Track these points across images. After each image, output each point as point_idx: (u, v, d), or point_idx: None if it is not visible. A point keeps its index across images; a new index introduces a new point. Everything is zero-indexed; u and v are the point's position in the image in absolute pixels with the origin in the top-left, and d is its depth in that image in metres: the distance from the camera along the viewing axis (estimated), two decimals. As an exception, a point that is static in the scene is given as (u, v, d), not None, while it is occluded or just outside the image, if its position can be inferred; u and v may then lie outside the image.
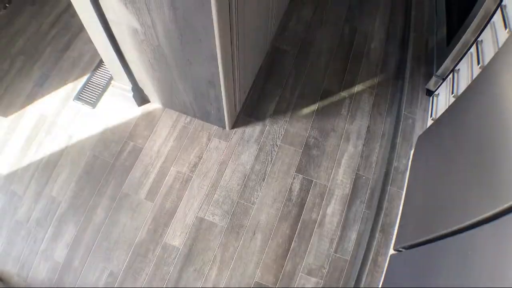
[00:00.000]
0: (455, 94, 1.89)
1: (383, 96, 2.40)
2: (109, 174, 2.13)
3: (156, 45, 1.70)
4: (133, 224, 2.02)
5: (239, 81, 1.92)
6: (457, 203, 1.32)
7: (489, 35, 1.73)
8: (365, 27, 2.73)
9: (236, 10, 1.52)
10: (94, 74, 2.48)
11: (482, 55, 1.76)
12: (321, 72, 2.46)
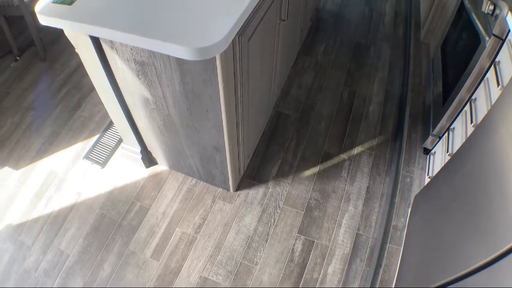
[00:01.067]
0: (450, 152, 1.97)
1: (382, 157, 2.48)
2: (117, 232, 2.18)
3: (166, 113, 1.81)
4: (138, 281, 2.05)
5: (243, 146, 2.02)
6: (452, 253, 1.36)
7: (482, 93, 1.82)
8: (363, 90, 2.85)
9: (241, 84, 1.63)
10: (104, 135, 2.58)
11: (476, 113, 1.84)
12: (322, 136, 2.56)
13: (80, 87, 2.89)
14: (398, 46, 3.30)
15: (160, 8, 1.37)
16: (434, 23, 3.17)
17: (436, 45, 2.87)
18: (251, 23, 1.51)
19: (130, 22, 1.32)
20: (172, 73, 1.53)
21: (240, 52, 1.49)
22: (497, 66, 1.71)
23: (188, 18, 1.31)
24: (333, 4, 3.71)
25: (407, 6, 3.84)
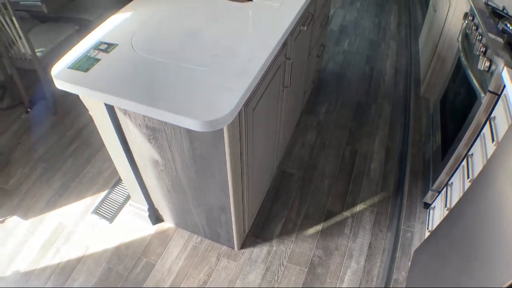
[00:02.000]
0: (449, 207, 2.02)
1: (383, 213, 2.53)
2: (123, 286, 2.22)
3: (174, 175, 1.89)
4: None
5: (248, 206, 2.08)
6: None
7: (478, 148, 1.88)
8: (365, 148, 2.94)
9: (246, 148, 1.72)
10: (113, 191, 2.65)
11: (472, 168, 1.90)
12: (325, 194, 2.63)
13: (90, 143, 2.99)
14: (398, 102, 3.41)
15: (171, 80, 1.47)
16: (434, 78, 3.29)
17: (435, 100, 2.98)
18: (256, 94, 1.61)
19: (144, 93, 1.42)
20: (181, 139, 1.62)
21: (246, 121, 1.59)
22: (493, 122, 1.78)
23: (197, 91, 1.41)
24: (334, 64, 3.85)
25: (407, 62, 3.99)
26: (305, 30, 2.22)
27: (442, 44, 3.07)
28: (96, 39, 1.75)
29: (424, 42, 3.86)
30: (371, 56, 4.04)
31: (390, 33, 4.56)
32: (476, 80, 1.97)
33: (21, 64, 3.06)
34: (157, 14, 1.92)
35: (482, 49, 1.98)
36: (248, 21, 1.89)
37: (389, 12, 5.13)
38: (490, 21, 2.15)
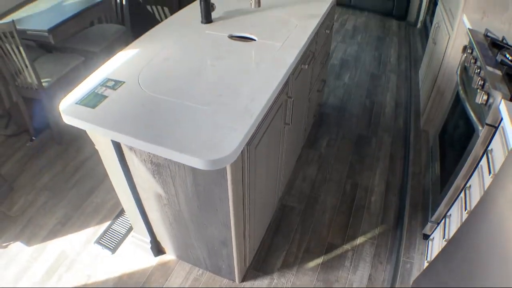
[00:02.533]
0: (447, 238, 2.04)
1: (383, 245, 2.55)
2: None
3: (177, 209, 1.92)
4: None
5: (249, 240, 2.11)
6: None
7: (476, 181, 1.91)
8: (365, 182, 2.97)
9: (248, 184, 1.75)
10: (115, 222, 2.68)
11: (470, 200, 1.92)
12: (326, 227, 2.65)
13: (93, 173, 3.03)
14: (398, 135, 3.46)
15: (176, 119, 1.51)
16: (433, 111, 3.34)
17: (435, 133, 3.02)
18: (258, 132, 1.66)
19: (150, 131, 1.46)
20: (185, 175, 1.66)
21: (248, 158, 1.63)
22: (490, 154, 1.81)
23: (202, 130, 1.46)
24: (335, 98, 3.92)
25: (407, 95, 4.05)
26: (306, 69, 2.28)
27: (441, 77, 3.13)
28: (103, 76, 1.81)
29: (424, 74, 3.94)
30: (371, 90, 4.11)
31: (390, 66, 4.65)
32: (474, 113, 2.01)
33: (27, 93, 3.13)
34: (163, 52, 1.99)
35: (480, 83, 2.02)
36: (251, 61, 1.96)
37: (390, 44, 5.23)
38: (489, 53, 2.19)
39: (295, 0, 2.67)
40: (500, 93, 1.80)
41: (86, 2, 3.58)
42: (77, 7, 3.48)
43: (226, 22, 2.34)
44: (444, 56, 3.08)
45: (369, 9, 6.33)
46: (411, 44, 5.34)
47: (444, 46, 3.14)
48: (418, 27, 5.90)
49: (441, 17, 3.52)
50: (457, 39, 2.87)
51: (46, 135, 3.43)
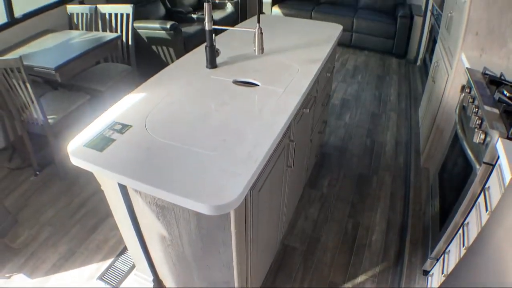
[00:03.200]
0: (445, 273, 2.06)
1: (384, 282, 2.55)
2: None
3: (180, 251, 1.95)
4: None
5: (251, 281, 2.12)
6: None
7: (474, 217, 1.93)
8: (366, 221, 3.00)
9: (251, 227, 1.79)
10: (118, 259, 2.69)
11: (468, 236, 1.94)
12: (327, 266, 2.66)
13: (97, 211, 3.06)
14: (399, 174, 3.51)
15: (182, 164, 1.56)
16: (433, 149, 3.39)
17: (435, 170, 3.05)
18: (261, 177, 1.70)
19: (156, 175, 1.50)
20: (189, 218, 1.70)
21: (251, 202, 1.67)
22: (487, 192, 1.84)
23: (206, 175, 1.50)
24: (336, 138, 3.98)
25: (407, 133, 4.12)
26: (308, 113, 2.34)
27: (441, 115, 3.19)
28: (111, 119, 1.87)
29: (424, 112, 4.01)
30: (372, 129, 4.18)
31: (390, 104, 4.73)
32: (472, 152, 2.05)
33: (32, 128, 3.20)
34: (169, 97, 2.05)
35: (478, 122, 2.07)
36: (254, 106, 2.02)
37: (390, 83, 5.33)
38: (487, 92, 2.24)
39: (297, 45, 2.76)
40: (497, 132, 1.85)
41: (93, 41, 3.68)
42: (84, 46, 3.57)
43: (231, 67, 2.42)
44: (443, 94, 3.15)
45: (369, 48, 6.48)
46: (411, 82, 5.44)
47: (443, 85, 3.21)
48: (418, 64, 6.02)
49: (440, 55, 3.61)
50: (456, 78, 2.94)
51: (50, 170, 3.48)
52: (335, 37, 2.90)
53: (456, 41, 2.92)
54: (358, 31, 6.39)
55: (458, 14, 2.98)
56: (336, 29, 3.09)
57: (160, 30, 4.63)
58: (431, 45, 5.14)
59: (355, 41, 6.46)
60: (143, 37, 4.74)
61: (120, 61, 4.22)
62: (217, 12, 6.12)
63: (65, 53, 3.43)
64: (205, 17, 2.22)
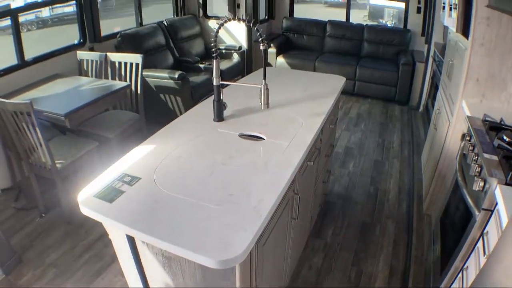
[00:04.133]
0: None
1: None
2: None
3: (185, 300, 1.97)
4: None
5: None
6: None
7: (473, 262, 1.95)
8: (369, 268, 3.00)
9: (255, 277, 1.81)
10: (122, 307, 2.71)
11: (467, 280, 1.96)
12: (331, 317, 2.67)
13: (102, 256, 3.08)
14: (402, 221, 3.53)
15: (189, 218, 1.60)
16: (435, 195, 3.42)
17: (436, 216, 3.08)
18: (266, 230, 1.74)
19: (164, 228, 1.55)
20: (195, 270, 1.73)
21: (256, 256, 1.71)
22: (485, 236, 1.87)
23: (213, 230, 1.54)
24: (340, 186, 4.02)
25: (410, 180, 4.17)
26: (312, 165, 2.40)
27: (442, 162, 3.24)
28: (121, 171, 1.92)
29: (426, 159, 4.06)
30: (375, 177, 4.22)
31: (393, 152, 4.79)
32: (472, 199, 2.10)
33: (39, 171, 3.26)
34: (178, 150, 2.12)
35: (478, 170, 2.12)
36: (260, 160, 2.08)
37: (393, 130, 5.40)
38: (486, 139, 2.29)
39: (301, 97, 2.85)
40: (496, 179, 1.89)
41: (103, 90, 3.79)
42: (93, 94, 3.68)
43: (237, 120, 2.50)
44: (445, 142, 3.21)
45: (372, 96, 6.60)
46: (414, 128, 5.52)
47: (444, 132, 3.27)
48: (420, 110, 6.11)
49: (441, 103, 3.69)
50: (456, 126, 3.00)
51: (56, 213, 3.52)
52: (338, 89, 3.00)
53: (457, 89, 3.01)
54: (361, 80, 6.53)
55: (459, 61, 3.08)
56: (339, 81, 3.19)
57: (168, 80, 4.77)
58: (433, 91, 5.23)
59: (358, 89, 6.59)
60: (151, 85, 4.87)
61: (128, 108, 4.32)
62: (224, 62, 6.29)
63: (74, 99, 3.55)
64: (213, 72, 2.32)
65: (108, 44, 5.03)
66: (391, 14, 10.21)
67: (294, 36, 7.62)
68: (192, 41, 6.39)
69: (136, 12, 5.88)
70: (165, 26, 5.95)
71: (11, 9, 3.99)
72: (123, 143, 3.82)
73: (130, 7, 6.09)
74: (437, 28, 5.48)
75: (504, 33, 2.67)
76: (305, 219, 2.78)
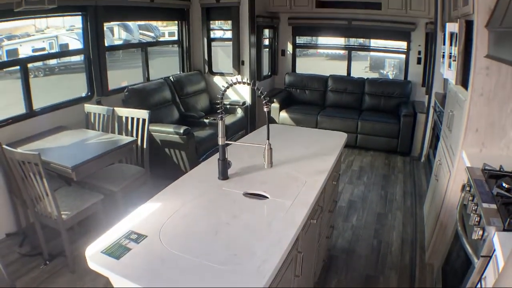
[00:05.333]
0: None
1: None
2: None
3: None
4: None
5: None
6: None
7: None
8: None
9: None
10: None
11: None
12: None
13: (105, 305, 3.07)
14: (405, 272, 3.52)
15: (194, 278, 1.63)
16: (437, 245, 3.42)
17: (438, 265, 3.09)
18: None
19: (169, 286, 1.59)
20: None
21: (260, 316, 1.73)
22: (483, 281, 1.92)
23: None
24: (343, 240, 4.02)
25: (412, 231, 4.18)
26: (315, 223, 2.43)
27: (444, 212, 3.27)
28: (127, 228, 1.97)
29: (428, 210, 4.09)
30: (378, 229, 4.23)
31: (396, 203, 4.81)
32: (471, 248, 2.13)
33: (45, 220, 3.32)
34: (183, 208, 2.16)
35: (477, 219, 2.17)
36: (264, 220, 2.12)
37: (395, 182, 5.45)
38: (486, 188, 2.32)
39: (304, 155, 2.92)
40: (494, 227, 1.94)
41: (110, 144, 3.88)
42: (100, 148, 3.78)
43: (241, 178, 2.55)
44: (446, 193, 3.25)
45: (375, 148, 6.67)
46: (416, 178, 5.57)
47: (445, 183, 3.32)
48: (422, 161, 6.16)
49: (442, 154, 3.75)
50: (457, 176, 3.05)
51: (60, 261, 3.51)
52: (340, 146, 3.07)
53: (457, 140, 3.07)
54: (363, 132, 6.62)
55: (459, 112, 3.16)
56: (341, 138, 3.27)
57: (173, 134, 4.89)
58: (434, 141, 5.30)
59: (360, 142, 6.68)
60: (156, 139, 4.98)
61: (133, 162, 4.39)
62: (228, 117, 6.43)
63: (82, 153, 3.64)
64: (218, 133, 2.41)
65: (115, 98, 5.18)
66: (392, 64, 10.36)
67: (297, 91, 7.80)
68: (198, 96, 6.57)
69: (143, 67, 6.10)
70: (172, 81, 6.15)
71: (21, 58, 4.16)
72: (127, 196, 3.87)
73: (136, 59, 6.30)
74: (438, 78, 5.62)
75: (504, 80, 2.75)
76: (308, 275, 2.78)
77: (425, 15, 6.19)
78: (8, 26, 5.98)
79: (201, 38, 6.89)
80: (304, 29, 7.92)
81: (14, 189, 3.50)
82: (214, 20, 6.99)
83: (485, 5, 2.64)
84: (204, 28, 6.83)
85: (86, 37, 4.88)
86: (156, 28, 12.15)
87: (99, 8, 4.83)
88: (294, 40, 8.00)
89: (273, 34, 7.85)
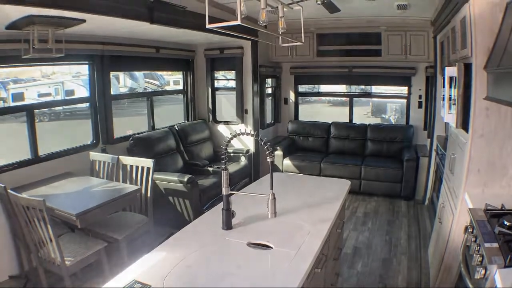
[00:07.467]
0: None
1: None
2: None
3: None
4: None
5: None
6: None
7: None
8: None
9: None
10: None
11: None
12: None
13: None
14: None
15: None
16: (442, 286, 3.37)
17: None
18: None
19: None
20: None
21: None
22: None
23: None
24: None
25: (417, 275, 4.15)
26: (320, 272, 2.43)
27: (448, 255, 3.24)
28: (131, 277, 1.97)
29: (433, 252, 4.06)
30: (383, 274, 4.18)
31: (401, 248, 4.78)
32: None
33: (48, 265, 3.31)
34: (187, 259, 2.17)
35: (479, 259, 2.17)
36: (268, 270, 2.13)
37: (400, 226, 5.43)
38: (488, 228, 2.32)
39: (308, 203, 2.94)
40: (495, 265, 1.95)
41: (114, 192, 3.91)
42: (105, 196, 3.80)
43: (245, 228, 2.56)
44: (449, 235, 3.23)
45: (378, 194, 6.65)
46: (420, 222, 5.54)
47: (449, 226, 3.31)
48: (426, 204, 6.14)
49: (445, 197, 3.76)
50: (460, 218, 3.04)
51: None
52: (343, 194, 3.09)
53: (460, 182, 3.08)
54: (367, 178, 6.63)
55: (460, 155, 3.19)
56: (344, 185, 3.30)
57: (177, 183, 4.92)
58: (437, 184, 5.28)
59: (364, 187, 6.67)
60: (160, 188, 5.01)
61: (137, 210, 4.39)
62: (232, 165, 6.45)
63: (86, 200, 3.66)
64: (222, 183, 2.44)
65: (120, 146, 5.25)
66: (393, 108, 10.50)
67: (300, 138, 7.86)
68: (202, 144, 6.64)
69: (148, 116, 6.21)
70: (176, 130, 6.24)
71: (28, 104, 4.23)
72: (131, 244, 3.86)
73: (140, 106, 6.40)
74: (439, 121, 5.65)
75: (504, 120, 2.80)
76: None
77: (424, 59, 6.35)
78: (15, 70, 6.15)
79: (206, 87, 7.05)
80: (306, 77, 8.08)
81: (17, 233, 3.51)
82: (218, 70, 7.20)
83: (483, 46, 2.73)
84: (209, 77, 7.01)
85: (92, 85, 5.01)
86: (161, 76, 12.43)
87: (106, 58, 4.99)
88: (296, 88, 8.14)
89: (275, 83, 8.00)
